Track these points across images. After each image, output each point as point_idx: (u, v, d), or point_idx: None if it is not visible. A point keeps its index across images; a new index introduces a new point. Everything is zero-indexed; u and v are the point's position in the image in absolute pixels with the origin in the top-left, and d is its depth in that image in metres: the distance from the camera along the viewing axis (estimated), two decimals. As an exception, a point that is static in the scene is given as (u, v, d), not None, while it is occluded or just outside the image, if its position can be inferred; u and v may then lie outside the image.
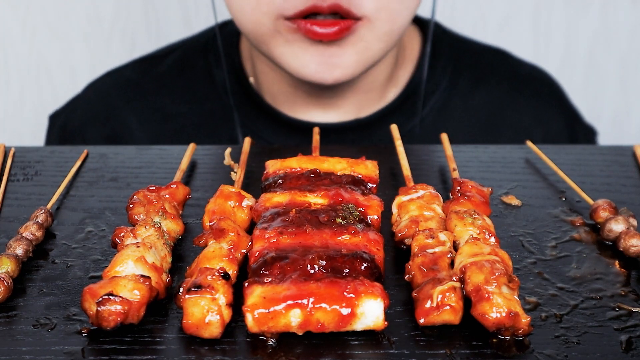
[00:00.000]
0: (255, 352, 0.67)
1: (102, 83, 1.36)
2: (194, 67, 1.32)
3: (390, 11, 1.08)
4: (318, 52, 1.09)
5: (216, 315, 0.67)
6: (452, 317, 0.68)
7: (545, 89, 1.36)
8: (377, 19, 1.08)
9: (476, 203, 0.82)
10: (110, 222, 0.86)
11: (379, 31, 1.09)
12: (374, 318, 0.67)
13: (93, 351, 0.67)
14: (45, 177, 0.96)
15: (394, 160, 0.95)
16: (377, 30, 1.09)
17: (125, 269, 0.71)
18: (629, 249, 0.79)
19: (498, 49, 1.40)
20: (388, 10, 1.08)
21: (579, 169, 0.96)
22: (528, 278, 0.76)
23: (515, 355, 0.66)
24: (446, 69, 1.30)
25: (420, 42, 1.31)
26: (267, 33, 1.09)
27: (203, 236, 0.77)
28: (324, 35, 1.05)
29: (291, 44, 1.09)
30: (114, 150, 1.02)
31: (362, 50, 1.10)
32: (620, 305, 0.72)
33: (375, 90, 1.25)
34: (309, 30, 1.06)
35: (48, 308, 0.72)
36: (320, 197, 0.80)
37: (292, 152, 0.89)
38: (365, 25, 1.07)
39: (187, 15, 1.85)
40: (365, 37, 1.09)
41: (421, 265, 0.73)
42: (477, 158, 1.00)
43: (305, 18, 1.06)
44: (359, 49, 1.10)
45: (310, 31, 1.06)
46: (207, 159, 1.00)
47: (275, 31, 1.09)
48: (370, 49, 1.11)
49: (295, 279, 0.69)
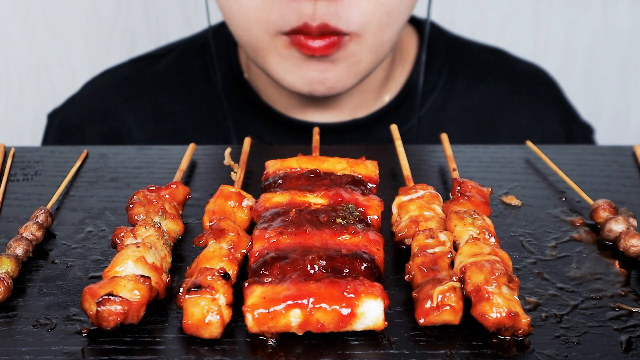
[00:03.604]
0: (255, 352, 0.67)
1: (100, 82, 1.36)
2: (191, 67, 1.32)
3: (378, 26, 1.09)
4: (311, 68, 1.10)
5: (216, 315, 0.67)
6: (452, 317, 0.68)
7: (542, 87, 1.36)
8: (365, 33, 1.08)
9: (476, 203, 0.82)
10: (110, 222, 0.86)
11: (368, 44, 1.10)
12: (374, 318, 0.67)
13: (93, 351, 0.67)
14: (45, 177, 0.96)
15: (394, 160, 0.95)
16: (367, 44, 1.10)
17: (125, 269, 0.71)
18: (629, 249, 0.79)
19: (495, 48, 1.40)
20: (376, 25, 1.09)
21: (578, 169, 0.96)
22: (528, 278, 0.76)
23: (515, 355, 0.66)
24: (443, 69, 1.30)
25: (417, 42, 1.31)
26: (265, 48, 1.11)
27: (203, 236, 0.77)
28: (316, 49, 1.07)
29: (285, 60, 1.10)
30: (114, 150, 1.02)
31: (354, 64, 1.11)
32: (620, 306, 0.72)
33: (372, 91, 1.25)
34: (303, 44, 1.07)
35: (48, 308, 0.72)
36: (320, 197, 0.80)
37: (292, 152, 0.89)
38: (354, 40, 1.09)
39: (187, 15, 1.85)
40: (356, 53, 1.10)
41: (421, 265, 0.73)
42: (477, 158, 1.00)
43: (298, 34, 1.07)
44: (351, 63, 1.11)
45: (304, 45, 1.07)
46: (207, 159, 1.00)
47: (272, 47, 1.10)
48: (362, 62, 1.12)
49: (295, 279, 0.69)
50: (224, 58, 1.29)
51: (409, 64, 1.29)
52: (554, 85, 1.39)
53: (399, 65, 1.28)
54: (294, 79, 1.12)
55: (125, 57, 1.46)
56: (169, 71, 1.33)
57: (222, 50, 1.30)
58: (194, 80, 1.31)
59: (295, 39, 1.08)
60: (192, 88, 1.31)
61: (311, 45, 1.07)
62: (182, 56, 1.34)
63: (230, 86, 1.28)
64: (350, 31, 1.07)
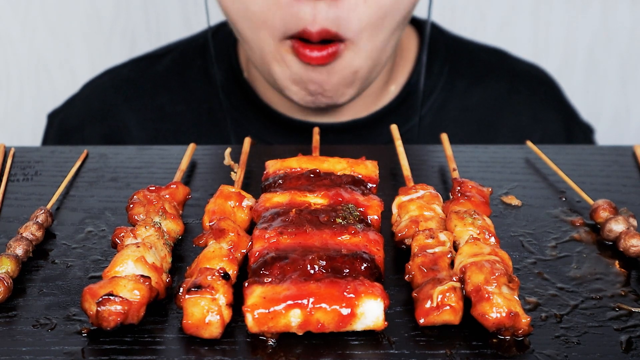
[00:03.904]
0: (255, 352, 0.67)
1: (100, 82, 1.36)
2: (191, 67, 1.32)
3: (371, 28, 1.09)
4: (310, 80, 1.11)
5: (216, 315, 0.67)
6: (452, 317, 0.68)
7: (542, 87, 1.36)
8: (360, 39, 1.09)
9: (476, 203, 0.82)
10: (110, 222, 0.86)
11: (363, 50, 1.10)
12: (374, 318, 0.67)
13: (93, 351, 0.67)
14: (45, 177, 0.96)
15: (394, 160, 0.95)
16: (361, 51, 1.10)
17: (125, 269, 0.71)
18: (629, 249, 0.79)
19: (495, 48, 1.40)
20: (369, 30, 1.09)
21: (579, 169, 0.96)
22: (528, 278, 0.76)
23: (515, 355, 0.66)
24: (443, 70, 1.30)
25: (417, 42, 1.31)
26: (271, 52, 1.11)
27: (203, 236, 0.77)
28: (313, 59, 1.08)
29: (289, 67, 1.11)
30: (114, 150, 1.02)
31: (351, 74, 1.12)
32: (620, 306, 0.72)
33: (372, 92, 1.25)
34: (301, 52, 1.08)
35: (48, 308, 0.72)
36: (320, 197, 0.80)
37: (292, 152, 0.89)
38: (349, 47, 1.09)
39: (187, 15, 1.85)
40: (352, 62, 1.10)
41: (421, 265, 0.73)
42: (477, 158, 1.00)
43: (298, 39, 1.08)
44: (347, 74, 1.11)
45: (302, 54, 1.08)
46: (207, 159, 1.00)
47: (276, 52, 1.10)
48: (360, 71, 1.12)
49: (295, 279, 0.69)
50: (224, 58, 1.29)
51: (409, 64, 1.29)
52: (554, 86, 1.39)
53: (400, 65, 1.28)
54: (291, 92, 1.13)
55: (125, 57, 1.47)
56: (169, 71, 1.33)
57: (222, 50, 1.30)
58: (194, 81, 1.31)
59: (295, 44, 1.08)
60: (192, 88, 1.31)
61: (309, 55, 1.08)
62: (182, 56, 1.34)
63: (230, 86, 1.28)
64: (348, 37, 1.08)
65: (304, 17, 1.05)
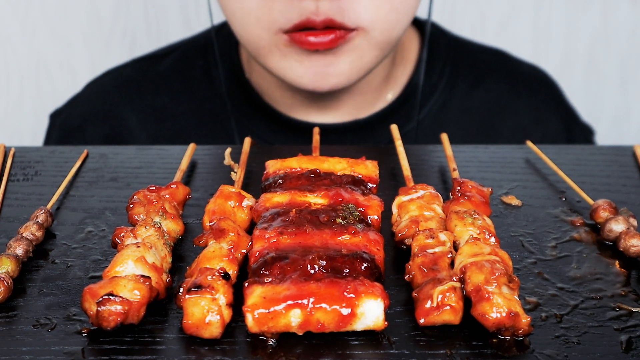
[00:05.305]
0: (255, 352, 0.67)
1: (102, 82, 1.36)
2: (193, 67, 1.32)
3: (387, 21, 1.08)
4: (313, 63, 1.10)
5: (216, 315, 0.67)
6: (452, 317, 0.68)
7: (543, 88, 1.36)
8: (373, 29, 1.08)
9: (476, 203, 0.82)
10: (110, 222, 0.86)
11: (375, 41, 1.10)
12: (374, 318, 0.67)
13: (93, 351, 0.67)
14: (45, 177, 0.96)
15: (394, 160, 0.95)
16: (373, 40, 1.09)
17: (125, 269, 0.71)
18: (629, 249, 0.79)
19: (496, 49, 1.40)
20: (384, 21, 1.08)
21: (579, 169, 0.96)
22: (528, 278, 0.76)
23: (515, 355, 0.66)
24: (444, 70, 1.30)
25: (418, 42, 1.31)
26: (266, 47, 1.11)
27: (203, 236, 0.77)
28: (319, 44, 1.07)
29: (287, 57, 1.10)
30: (114, 150, 1.02)
31: (357, 58, 1.11)
32: (620, 305, 0.72)
33: (373, 91, 1.25)
34: (304, 41, 1.07)
35: (48, 308, 0.72)
36: (320, 197, 0.80)
37: (293, 152, 0.89)
38: (361, 34, 1.08)
39: (187, 16, 1.85)
40: (360, 46, 1.10)
41: (421, 265, 0.73)
42: (477, 158, 1.00)
43: (300, 31, 1.07)
44: (354, 57, 1.10)
45: (306, 42, 1.07)
46: (207, 159, 1.00)
47: (273, 45, 1.10)
48: (366, 57, 1.11)
49: (295, 279, 0.69)
50: (226, 58, 1.29)
51: (410, 64, 1.29)
52: (555, 87, 1.39)
53: (400, 65, 1.28)
54: (296, 75, 1.11)
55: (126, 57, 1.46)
56: (170, 71, 1.33)
57: (224, 50, 1.30)
58: (195, 81, 1.31)
59: (296, 36, 1.07)
60: (194, 88, 1.31)
61: (314, 41, 1.06)
62: (184, 56, 1.34)
63: (232, 86, 1.28)
64: (357, 26, 1.07)
65: (307, 8, 1.05)
